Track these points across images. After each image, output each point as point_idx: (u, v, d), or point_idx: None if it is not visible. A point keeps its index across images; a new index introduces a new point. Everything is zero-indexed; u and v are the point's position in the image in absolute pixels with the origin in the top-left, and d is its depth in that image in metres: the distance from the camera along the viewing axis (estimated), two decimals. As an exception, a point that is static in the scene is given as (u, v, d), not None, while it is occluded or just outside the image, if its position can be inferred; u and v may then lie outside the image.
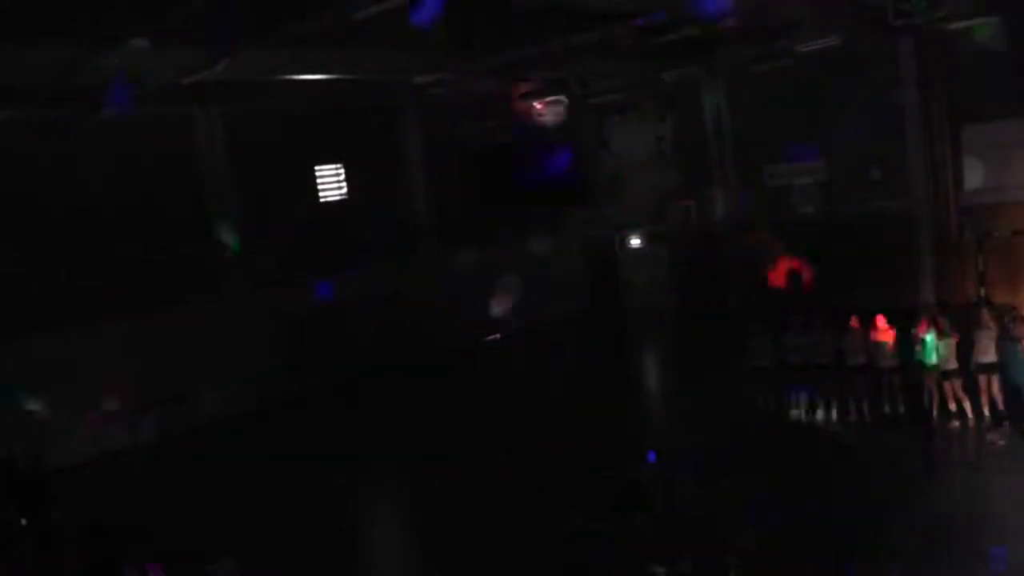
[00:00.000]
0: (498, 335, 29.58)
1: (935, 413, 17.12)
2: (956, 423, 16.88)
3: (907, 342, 17.13)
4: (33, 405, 18.94)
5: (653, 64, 26.60)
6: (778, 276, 25.80)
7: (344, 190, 27.42)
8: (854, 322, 17.55)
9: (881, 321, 17.30)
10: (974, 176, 23.33)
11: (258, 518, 16.16)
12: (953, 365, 16.81)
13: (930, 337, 16.78)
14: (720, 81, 28.29)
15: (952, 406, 16.99)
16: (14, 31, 14.99)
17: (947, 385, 17.00)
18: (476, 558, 13.54)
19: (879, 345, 17.27)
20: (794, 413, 18.32)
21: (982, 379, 16.66)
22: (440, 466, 18.08)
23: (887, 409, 17.65)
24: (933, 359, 16.80)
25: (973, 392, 16.80)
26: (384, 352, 26.04)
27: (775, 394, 18.84)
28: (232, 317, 23.77)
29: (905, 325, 17.20)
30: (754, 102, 27.55)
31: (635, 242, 32.09)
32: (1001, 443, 15.91)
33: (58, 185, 20.75)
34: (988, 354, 16.44)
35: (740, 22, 21.67)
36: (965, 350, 16.77)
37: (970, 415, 16.83)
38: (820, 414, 18.24)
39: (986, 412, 16.69)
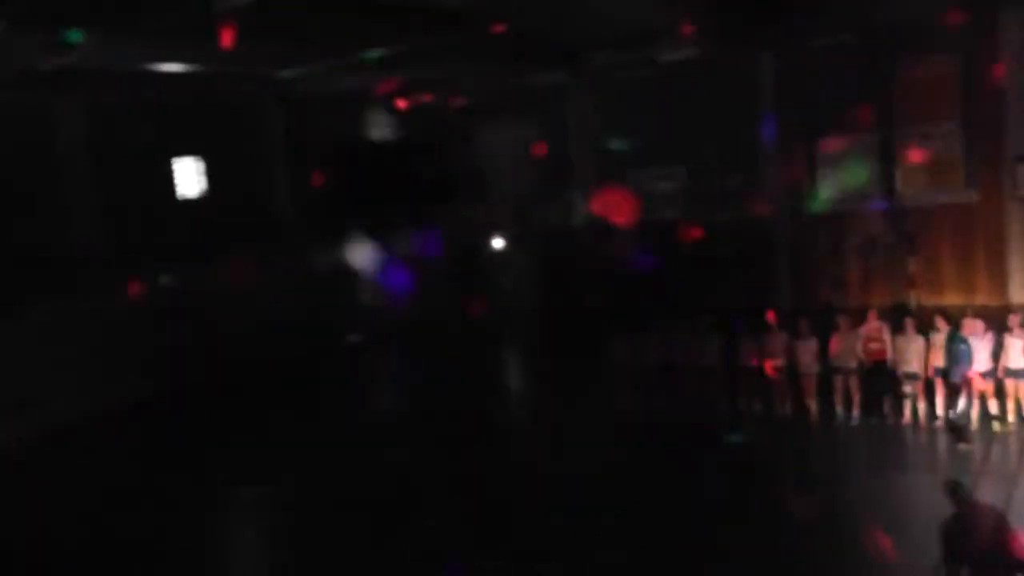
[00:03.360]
0: (358, 337, 29.15)
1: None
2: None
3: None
4: None
5: (518, 68, 26.85)
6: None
7: (204, 184, 26.65)
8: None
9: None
10: (826, 187, 24.43)
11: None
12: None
13: None
14: (585, 86, 28.65)
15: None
16: None
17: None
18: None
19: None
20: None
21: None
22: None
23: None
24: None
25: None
26: (242, 352, 25.43)
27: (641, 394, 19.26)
28: (87, 316, 22.76)
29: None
30: (619, 108, 28.06)
31: (499, 244, 32.21)
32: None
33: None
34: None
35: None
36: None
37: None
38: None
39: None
